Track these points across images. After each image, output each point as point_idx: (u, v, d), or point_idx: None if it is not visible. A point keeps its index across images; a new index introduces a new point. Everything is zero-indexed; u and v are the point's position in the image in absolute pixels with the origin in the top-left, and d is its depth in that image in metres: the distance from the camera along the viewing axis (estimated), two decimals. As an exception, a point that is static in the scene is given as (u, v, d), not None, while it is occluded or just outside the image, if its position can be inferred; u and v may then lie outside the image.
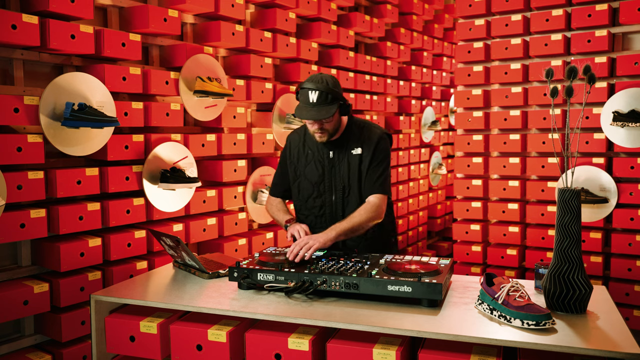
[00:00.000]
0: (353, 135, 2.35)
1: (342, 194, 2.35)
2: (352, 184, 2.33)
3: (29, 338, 2.56)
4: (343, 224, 2.19)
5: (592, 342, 1.48)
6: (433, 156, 6.07)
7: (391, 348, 1.60)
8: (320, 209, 2.39)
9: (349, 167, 2.33)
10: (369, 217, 2.24)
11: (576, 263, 1.70)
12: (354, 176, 2.33)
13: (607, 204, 3.53)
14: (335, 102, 2.21)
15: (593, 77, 1.71)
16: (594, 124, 3.60)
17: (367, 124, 2.42)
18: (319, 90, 2.17)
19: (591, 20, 3.65)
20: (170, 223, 3.04)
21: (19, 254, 2.57)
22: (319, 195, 2.38)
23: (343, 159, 2.34)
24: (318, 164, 2.38)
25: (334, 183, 2.36)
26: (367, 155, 2.32)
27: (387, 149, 2.38)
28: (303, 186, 2.42)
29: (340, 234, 2.16)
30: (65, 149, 2.51)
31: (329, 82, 2.21)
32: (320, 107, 2.18)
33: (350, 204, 2.34)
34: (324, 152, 2.37)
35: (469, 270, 4.14)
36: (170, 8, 3.04)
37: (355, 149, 2.33)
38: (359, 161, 2.32)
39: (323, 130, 2.27)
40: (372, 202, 2.29)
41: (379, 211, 2.28)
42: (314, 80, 2.21)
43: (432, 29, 5.89)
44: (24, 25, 2.34)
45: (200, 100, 3.15)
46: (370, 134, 2.35)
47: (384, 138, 2.37)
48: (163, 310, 1.98)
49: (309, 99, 2.19)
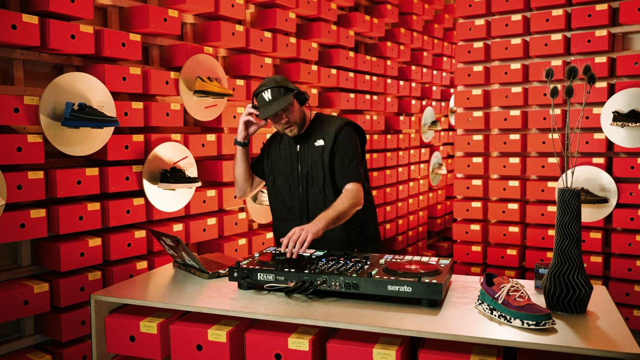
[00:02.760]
0: (316, 129, 2.44)
1: (305, 186, 2.42)
2: (315, 176, 2.39)
3: (29, 338, 2.56)
4: (329, 212, 2.21)
5: (592, 342, 1.48)
6: (433, 156, 6.07)
7: (391, 348, 1.60)
8: (290, 201, 2.46)
9: (312, 159, 2.41)
10: (351, 204, 2.28)
11: (576, 263, 1.70)
12: (316, 167, 2.39)
13: (607, 204, 3.53)
14: (289, 92, 2.32)
15: (593, 77, 1.71)
16: (594, 124, 3.60)
17: (330, 117, 2.49)
18: (269, 87, 2.30)
19: (591, 20, 3.65)
20: (170, 223, 3.04)
21: (19, 254, 2.57)
22: (289, 188, 2.46)
23: (307, 151, 2.42)
24: (288, 158, 2.46)
25: (300, 175, 2.43)
26: (327, 146, 2.38)
27: (350, 138, 2.41)
28: (276, 179, 2.50)
29: (329, 222, 2.18)
30: (65, 149, 2.51)
31: (276, 78, 2.34)
32: (277, 101, 2.29)
33: (314, 194, 2.40)
34: (293, 146, 2.46)
35: (469, 270, 4.14)
36: (170, 8, 3.04)
37: (317, 141, 2.41)
38: (321, 151, 2.39)
39: (289, 123, 2.35)
40: (349, 188, 2.33)
41: (358, 197, 2.32)
42: (264, 82, 2.34)
43: (432, 29, 5.89)
44: (24, 25, 2.34)
45: (200, 100, 3.15)
46: (331, 125, 2.42)
47: (346, 128, 2.42)
48: (163, 310, 1.98)
49: (265, 98, 2.31)
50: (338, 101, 4.33)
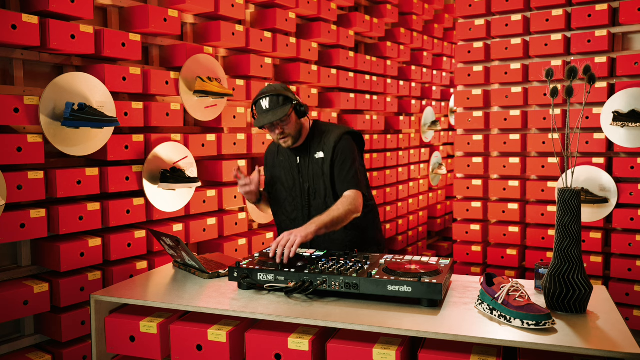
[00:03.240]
0: (315, 140, 2.43)
1: (307, 198, 2.42)
2: (317, 188, 2.40)
3: (29, 338, 2.56)
4: (323, 217, 2.21)
5: (592, 342, 1.48)
6: (433, 156, 6.07)
7: (391, 348, 1.61)
8: (293, 213, 2.47)
9: (313, 171, 2.41)
10: (347, 210, 2.26)
11: (576, 263, 1.70)
12: (317, 179, 2.40)
13: (607, 204, 3.53)
14: (287, 102, 2.30)
15: (593, 77, 1.71)
16: (594, 124, 3.60)
17: (329, 127, 2.47)
18: (269, 95, 2.28)
19: (591, 20, 3.65)
20: (170, 223, 3.04)
21: (19, 254, 2.57)
22: (292, 200, 2.46)
23: (308, 164, 2.42)
24: (289, 170, 2.46)
25: (302, 187, 2.44)
26: (327, 158, 2.38)
27: (349, 147, 2.40)
28: (279, 192, 2.50)
29: (321, 227, 2.16)
30: (65, 149, 2.51)
31: (277, 87, 2.32)
32: (274, 111, 2.27)
33: (316, 206, 2.40)
34: (292, 158, 2.46)
35: (469, 270, 4.14)
36: (170, 8, 3.04)
37: (317, 153, 2.40)
38: (322, 163, 2.39)
39: (284, 134, 2.33)
40: (348, 195, 2.32)
41: (356, 204, 2.30)
42: (264, 90, 2.32)
43: (432, 29, 5.89)
44: (24, 25, 2.34)
45: (200, 100, 3.15)
46: (330, 137, 2.41)
47: (344, 138, 2.40)
48: (163, 310, 1.98)
49: (263, 106, 2.29)
50: (338, 101, 4.33)
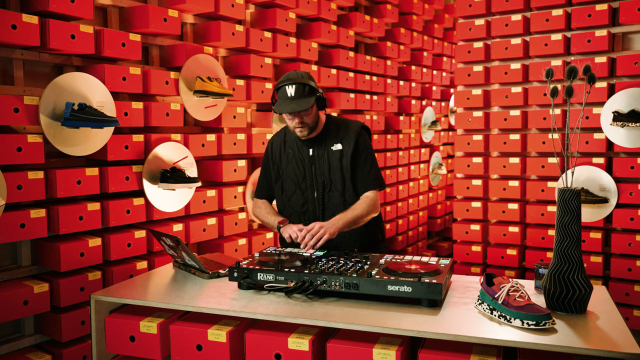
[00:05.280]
0: (331, 132, 2.41)
1: (322, 190, 2.40)
2: (334, 180, 2.38)
3: (29, 338, 2.56)
4: (347, 213, 2.25)
5: (592, 342, 1.48)
6: (433, 156, 6.07)
7: (391, 348, 1.60)
8: (303, 206, 2.43)
9: (329, 163, 2.38)
10: (369, 210, 2.31)
11: (576, 263, 1.70)
12: (335, 172, 2.38)
13: (607, 204, 3.53)
14: (312, 94, 2.28)
15: (593, 77, 1.71)
16: (594, 124, 3.60)
17: (344, 120, 2.48)
18: (296, 83, 2.24)
19: (591, 20, 3.65)
20: (170, 223, 3.04)
21: (19, 254, 2.57)
22: (302, 193, 2.43)
23: (323, 155, 2.39)
24: (299, 162, 2.42)
25: (315, 180, 2.41)
26: (348, 150, 2.36)
27: (368, 143, 2.43)
28: (286, 185, 2.46)
29: (346, 225, 2.22)
30: (65, 149, 2.51)
31: (304, 76, 2.29)
32: (299, 100, 2.24)
33: (332, 199, 2.39)
34: (303, 150, 2.42)
35: (469, 270, 4.14)
36: (170, 8, 3.04)
37: (334, 145, 2.39)
38: (340, 156, 2.37)
39: (303, 124, 2.31)
40: (370, 196, 2.35)
41: (376, 205, 2.36)
42: (290, 76, 2.28)
43: (432, 29, 5.89)
44: (24, 25, 2.34)
45: (200, 100, 3.15)
46: (349, 129, 2.41)
47: (362, 133, 2.42)
48: (163, 310, 1.98)
49: (287, 93, 2.25)
50: (338, 101, 4.33)
